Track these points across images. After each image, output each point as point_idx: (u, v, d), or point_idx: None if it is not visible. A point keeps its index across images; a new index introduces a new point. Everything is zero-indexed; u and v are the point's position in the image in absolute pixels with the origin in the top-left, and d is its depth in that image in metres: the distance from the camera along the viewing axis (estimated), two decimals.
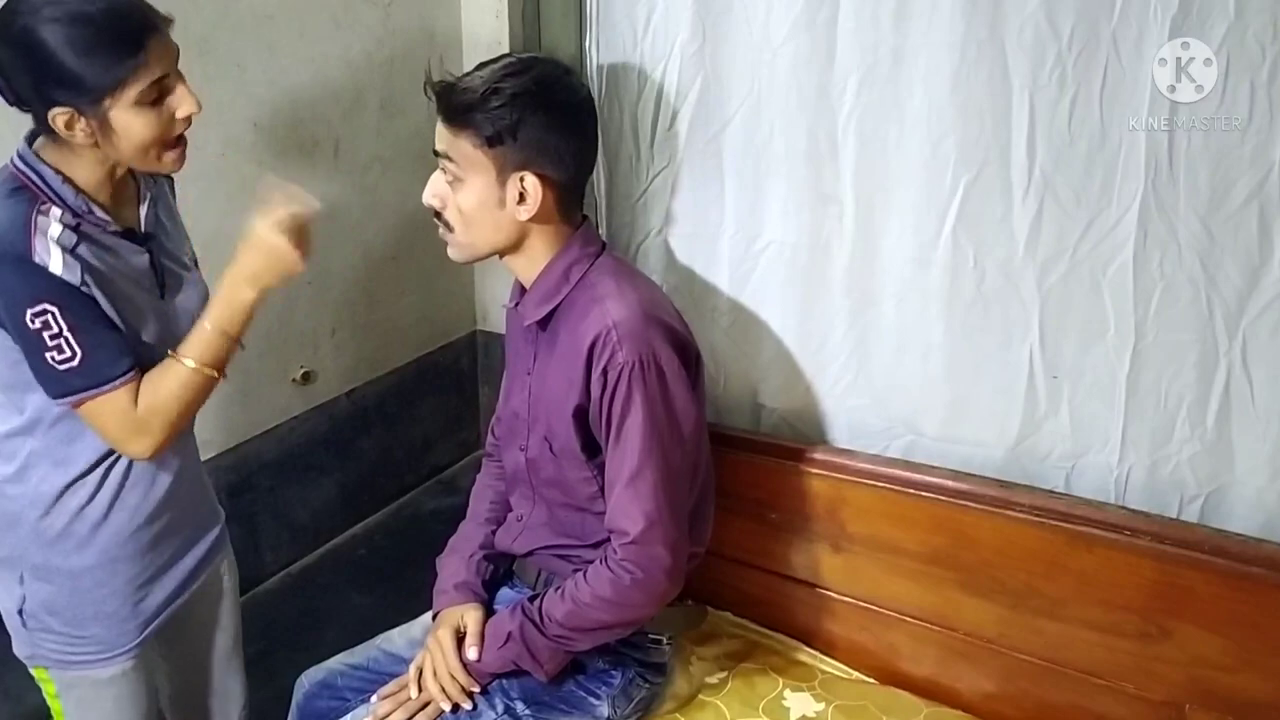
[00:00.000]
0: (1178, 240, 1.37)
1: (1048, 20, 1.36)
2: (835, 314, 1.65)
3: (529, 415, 1.43)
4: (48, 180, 1.15)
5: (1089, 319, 1.45)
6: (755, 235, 1.69)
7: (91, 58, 1.08)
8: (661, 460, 1.30)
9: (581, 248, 1.36)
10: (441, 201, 1.32)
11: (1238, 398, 1.39)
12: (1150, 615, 1.42)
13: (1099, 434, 1.50)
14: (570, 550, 1.46)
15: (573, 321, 1.34)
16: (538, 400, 1.41)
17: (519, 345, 1.47)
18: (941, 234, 1.51)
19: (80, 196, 1.17)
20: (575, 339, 1.31)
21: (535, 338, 1.41)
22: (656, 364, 1.29)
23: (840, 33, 1.52)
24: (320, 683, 1.53)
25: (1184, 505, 1.47)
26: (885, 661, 1.67)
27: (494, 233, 1.32)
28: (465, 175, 1.28)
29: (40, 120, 1.14)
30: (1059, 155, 1.41)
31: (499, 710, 1.41)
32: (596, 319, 1.30)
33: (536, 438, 1.42)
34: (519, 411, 1.46)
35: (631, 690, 1.48)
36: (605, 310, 1.30)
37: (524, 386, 1.44)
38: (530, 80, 1.26)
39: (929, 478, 1.57)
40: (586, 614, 1.34)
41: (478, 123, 1.25)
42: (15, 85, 1.12)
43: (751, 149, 1.65)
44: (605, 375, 1.28)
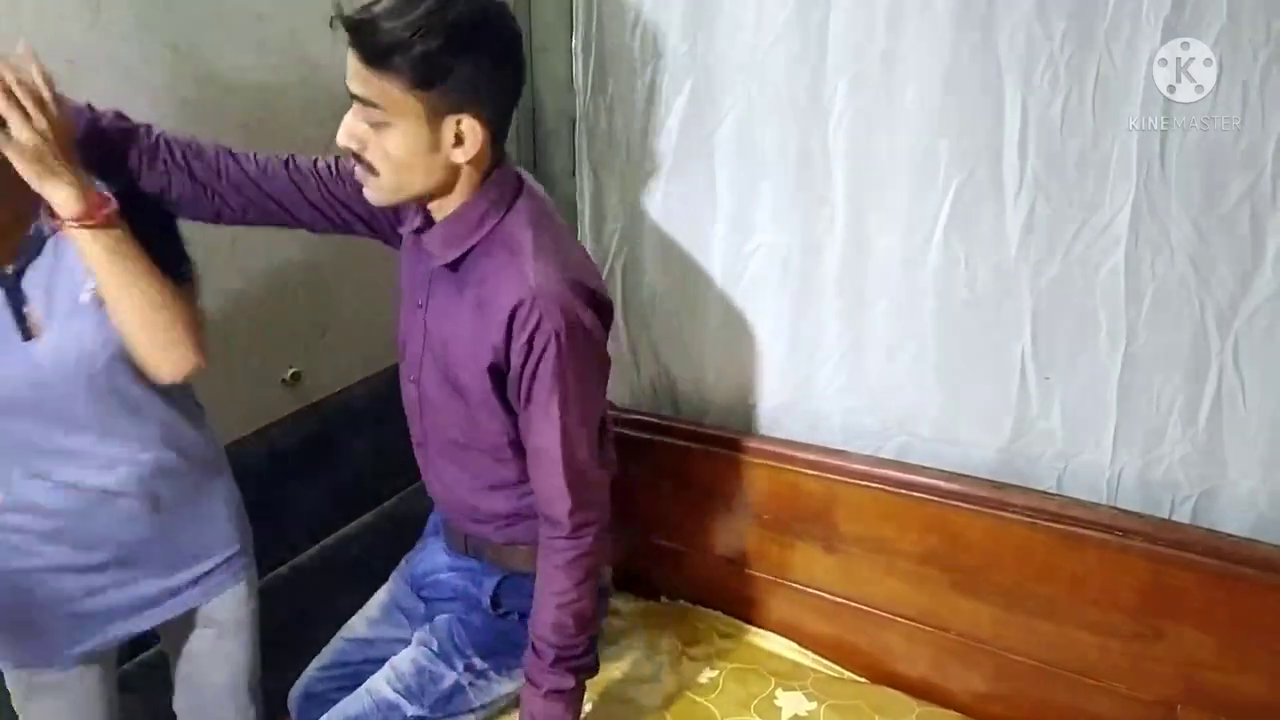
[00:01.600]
0: (1170, 242, 1.37)
1: (1040, 22, 1.36)
2: (827, 315, 1.65)
3: (421, 350, 1.38)
4: None
5: (1081, 320, 1.46)
6: (747, 237, 1.69)
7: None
8: (584, 426, 1.30)
9: (499, 189, 1.27)
10: (360, 144, 1.19)
11: (1229, 399, 1.40)
12: (1142, 615, 1.43)
13: (1091, 435, 1.50)
14: (486, 522, 1.44)
15: (487, 275, 1.27)
16: (435, 340, 1.35)
17: (414, 273, 1.37)
18: (933, 235, 1.51)
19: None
20: (493, 300, 1.25)
21: (432, 274, 1.33)
22: (583, 329, 1.26)
23: (832, 34, 1.51)
24: (303, 696, 1.53)
25: (1176, 506, 1.47)
26: (878, 661, 1.67)
27: (426, 177, 1.23)
28: (392, 119, 1.16)
29: None
30: (1051, 156, 1.41)
31: (459, 669, 1.42)
32: (516, 282, 1.24)
33: (432, 376, 1.37)
34: (408, 342, 1.40)
35: None
36: (525, 273, 1.24)
37: (417, 320, 1.37)
38: (460, 15, 1.14)
39: (922, 478, 1.57)
40: (571, 611, 1.34)
41: (405, 65, 1.13)
42: None
43: (743, 150, 1.65)
44: (530, 345, 1.24)
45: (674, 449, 1.80)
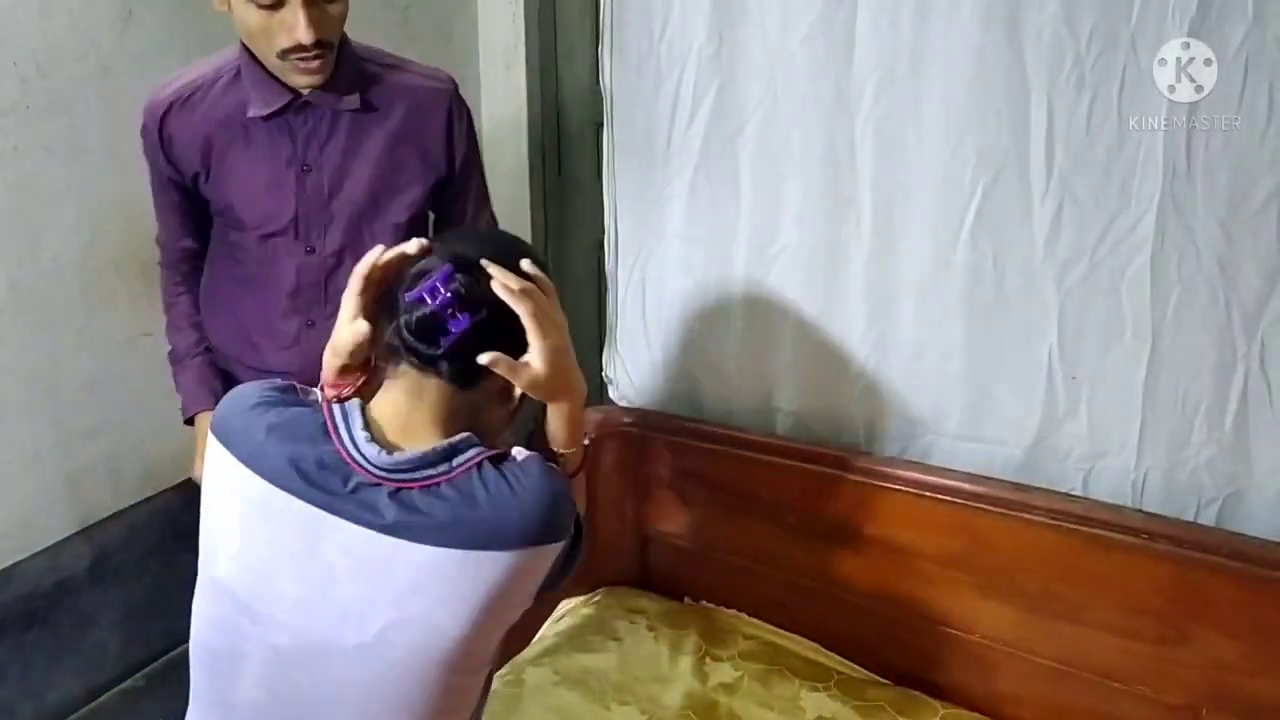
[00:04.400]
0: (1196, 243, 1.36)
1: (1066, 22, 1.36)
2: (853, 316, 1.65)
3: (321, 211, 1.48)
4: None
5: (1107, 321, 1.45)
6: (772, 238, 1.69)
7: None
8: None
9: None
10: (320, 28, 1.32)
11: (1256, 401, 1.39)
12: (1168, 619, 1.42)
13: (1117, 436, 1.49)
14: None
15: (392, 96, 1.47)
16: (340, 186, 1.47)
17: (276, 152, 1.46)
18: (960, 236, 1.51)
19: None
20: (417, 108, 1.48)
21: (309, 136, 1.44)
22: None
23: (858, 35, 1.52)
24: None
25: (1201, 508, 1.46)
26: (902, 663, 1.67)
27: (344, 23, 1.39)
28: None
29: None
30: (1077, 157, 1.41)
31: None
32: (431, 82, 1.51)
33: (342, 234, 1.49)
34: (287, 211, 1.48)
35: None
36: (427, 74, 1.52)
37: (294, 181, 1.46)
38: None
39: (946, 480, 1.57)
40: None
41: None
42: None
43: (769, 152, 1.65)
44: (469, 134, 1.53)
45: (698, 450, 1.81)
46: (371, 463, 0.97)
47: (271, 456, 0.97)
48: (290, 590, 0.97)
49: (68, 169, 1.58)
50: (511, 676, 1.64)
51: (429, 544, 0.94)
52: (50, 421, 1.62)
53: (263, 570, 0.99)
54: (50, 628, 1.67)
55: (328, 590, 0.96)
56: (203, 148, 1.46)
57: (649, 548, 1.92)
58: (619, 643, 1.74)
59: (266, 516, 0.98)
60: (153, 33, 1.65)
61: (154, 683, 1.85)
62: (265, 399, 1.02)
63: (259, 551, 0.99)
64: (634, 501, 1.89)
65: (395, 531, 0.95)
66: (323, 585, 0.96)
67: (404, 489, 0.97)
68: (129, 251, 1.68)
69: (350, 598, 0.96)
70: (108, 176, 1.63)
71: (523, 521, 0.97)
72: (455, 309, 0.96)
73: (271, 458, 0.97)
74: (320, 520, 0.96)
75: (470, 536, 0.95)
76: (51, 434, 1.63)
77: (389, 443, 0.99)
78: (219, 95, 1.45)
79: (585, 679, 1.64)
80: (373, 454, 0.97)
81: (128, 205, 1.66)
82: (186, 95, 1.46)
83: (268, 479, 0.97)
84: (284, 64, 1.35)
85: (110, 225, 1.65)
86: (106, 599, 1.73)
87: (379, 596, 0.95)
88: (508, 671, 1.66)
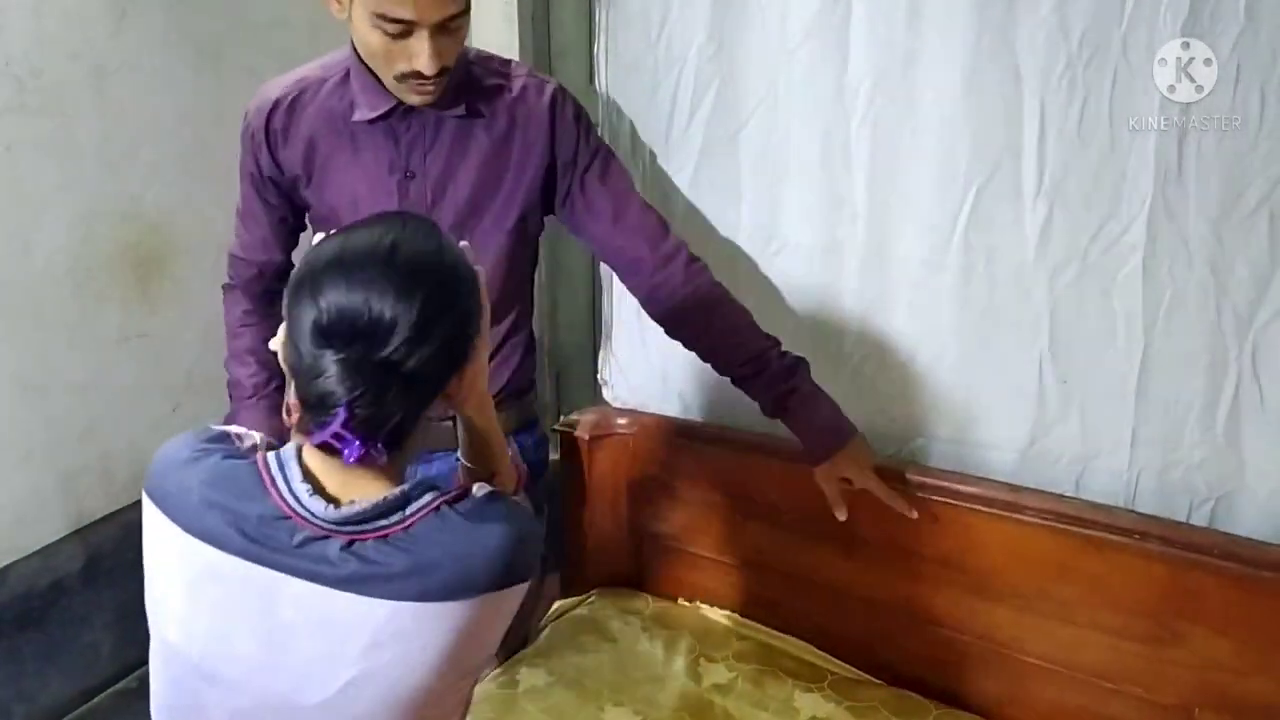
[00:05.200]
0: (1187, 246, 1.37)
1: (1058, 25, 1.37)
2: (849, 317, 1.66)
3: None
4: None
5: (1099, 324, 1.46)
6: (770, 237, 1.70)
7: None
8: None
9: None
10: (443, 58, 1.28)
11: (1247, 403, 1.40)
12: (1161, 619, 1.43)
13: (1109, 438, 1.50)
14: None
15: (496, 100, 1.42)
16: (444, 193, 1.42)
17: (378, 157, 1.42)
18: (953, 238, 1.52)
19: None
20: (520, 110, 1.43)
21: (413, 143, 1.41)
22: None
23: (854, 37, 1.52)
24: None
25: (1194, 509, 1.47)
26: (896, 663, 1.67)
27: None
28: (467, 12, 1.28)
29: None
30: (1069, 160, 1.41)
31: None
32: (534, 81, 1.45)
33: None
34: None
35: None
36: (532, 75, 1.47)
37: (396, 188, 1.42)
38: None
39: (940, 481, 1.58)
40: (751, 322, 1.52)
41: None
42: None
43: (766, 153, 1.66)
44: (579, 121, 1.47)
45: (692, 451, 1.81)
46: (319, 517, 0.91)
47: (210, 519, 0.91)
48: (247, 652, 0.92)
49: (61, 169, 1.58)
50: (506, 677, 1.64)
51: (387, 598, 0.89)
52: (42, 422, 1.62)
53: (216, 634, 0.93)
54: (43, 629, 1.66)
55: (286, 650, 0.91)
56: (306, 150, 1.43)
57: (643, 548, 1.92)
58: (613, 643, 1.74)
59: (214, 580, 0.92)
60: (147, 32, 1.64)
61: (147, 684, 1.84)
62: (196, 454, 0.96)
63: (210, 616, 0.93)
64: (628, 502, 1.90)
65: (350, 586, 0.89)
66: (280, 645, 0.91)
67: (356, 540, 0.91)
68: (122, 252, 1.67)
69: (310, 656, 0.91)
70: (101, 177, 1.62)
71: (486, 567, 0.91)
72: (363, 443, 0.87)
73: (210, 520, 0.91)
74: (271, 579, 0.90)
75: (430, 588, 0.89)
76: (44, 435, 1.62)
77: (332, 496, 0.92)
78: (325, 97, 1.42)
79: (580, 680, 1.64)
80: (319, 509, 0.91)
81: (121, 205, 1.65)
82: (295, 95, 1.43)
83: (209, 542, 0.91)
84: (400, 85, 1.31)
85: (103, 226, 1.64)
86: (100, 600, 1.72)
87: (340, 654, 0.90)
88: (502, 673, 1.67)
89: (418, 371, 0.88)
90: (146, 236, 1.67)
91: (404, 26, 1.23)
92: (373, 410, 0.86)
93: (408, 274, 0.89)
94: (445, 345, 0.91)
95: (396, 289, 0.88)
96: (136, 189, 1.63)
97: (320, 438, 0.87)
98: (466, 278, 0.96)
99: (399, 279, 0.88)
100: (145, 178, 1.67)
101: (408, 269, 0.90)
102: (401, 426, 0.89)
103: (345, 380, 0.85)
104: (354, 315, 0.87)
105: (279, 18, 1.79)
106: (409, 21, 1.22)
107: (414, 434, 0.94)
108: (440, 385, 0.94)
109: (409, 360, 0.87)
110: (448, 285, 0.92)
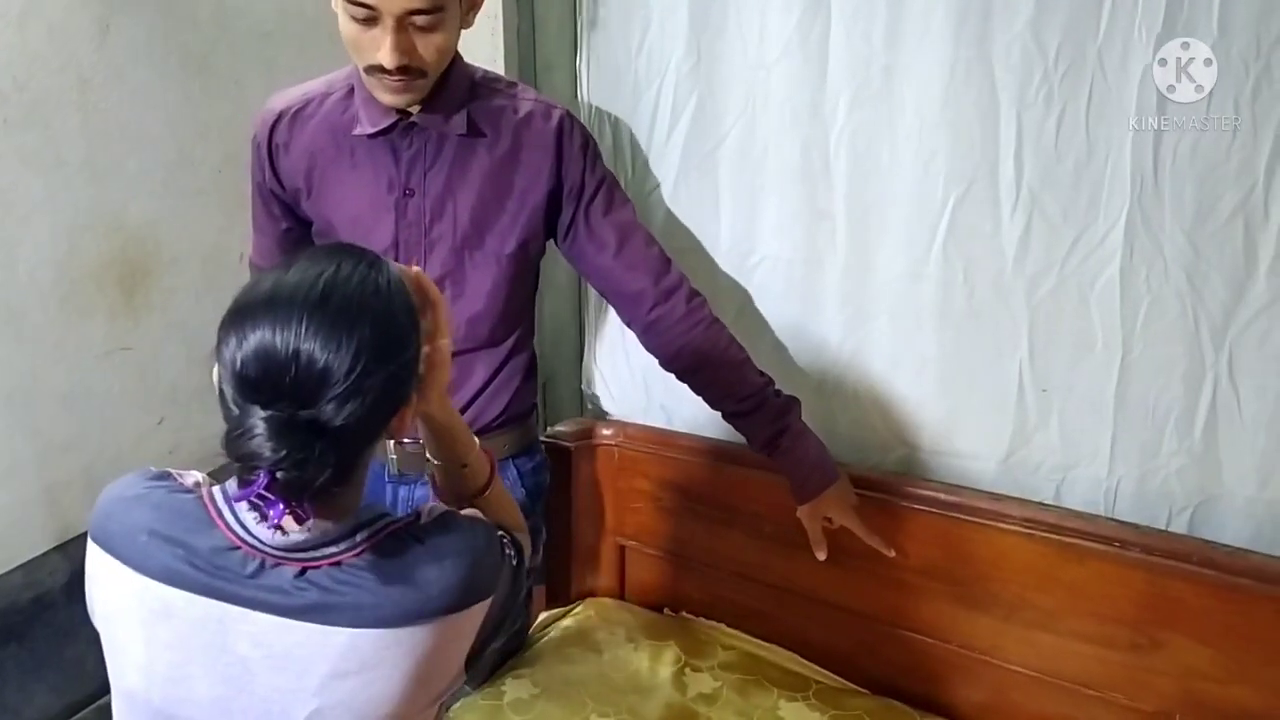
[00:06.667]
0: (1164, 255, 1.38)
1: (1034, 39, 1.38)
2: (829, 329, 1.67)
3: (421, 238, 1.41)
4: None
5: (1077, 333, 1.47)
6: (750, 250, 1.71)
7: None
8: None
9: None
10: (411, 55, 1.26)
11: (1225, 410, 1.41)
12: (1141, 626, 1.44)
13: (1088, 446, 1.51)
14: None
15: (501, 121, 1.41)
16: (445, 217, 1.40)
17: (377, 174, 1.40)
18: (932, 249, 1.53)
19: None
20: (525, 133, 1.41)
21: (412, 160, 1.39)
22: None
23: (832, 51, 1.54)
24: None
25: (1173, 517, 1.48)
26: (880, 672, 1.68)
27: (451, 54, 1.34)
28: (447, 10, 1.26)
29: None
30: (1046, 171, 1.43)
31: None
32: (541, 105, 1.43)
33: (443, 262, 1.42)
34: (386, 236, 1.41)
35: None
36: (539, 99, 1.45)
37: (395, 205, 1.40)
38: None
39: (922, 490, 1.59)
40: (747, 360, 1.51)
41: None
42: None
43: (746, 165, 1.67)
44: (586, 150, 1.45)
45: (676, 462, 1.82)
46: (266, 544, 0.89)
47: (161, 555, 0.89)
48: (206, 691, 0.90)
49: (46, 181, 1.58)
50: (491, 689, 1.64)
51: (344, 625, 0.87)
52: (27, 435, 1.61)
53: (174, 675, 0.91)
54: (27, 643, 1.65)
55: (245, 685, 0.90)
56: (308, 163, 1.43)
57: (628, 559, 1.92)
58: (599, 654, 1.74)
59: (167, 618, 0.90)
60: (131, 45, 1.65)
61: None
62: (140, 492, 0.95)
63: (167, 657, 0.91)
64: (613, 513, 1.90)
65: (307, 616, 0.87)
66: (239, 681, 0.90)
67: (309, 568, 0.89)
68: (107, 264, 1.67)
69: (270, 689, 0.89)
70: (86, 189, 1.62)
71: (442, 589, 0.90)
72: (286, 505, 0.83)
73: (161, 557, 0.89)
74: (224, 613, 0.88)
75: (386, 614, 0.88)
76: (28, 447, 1.62)
77: (280, 524, 0.88)
78: (329, 110, 1.42)
79: (565, 690, 1.64)
80: (266, 536, 0.88)
81: (106, 218, 1.65)
82: (299, 107, 1.43)
83: (161, 580, 0.89)
84: (371, 79, 1.31)
85: (88, 238, 1.64)
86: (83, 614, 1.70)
87: (299, 686, 0.89)
88: (487, 684, 1.66)
89: (348, 427, 0.83)
90: (131, 249, 1.67)
91: (369, 13, 1.23)
92: (296, 474, 0.81)
93: (340, 317, 0.83)
94: (382, 395, 0.86)
95: (327, 334, 0.82)
96: (121, 202, 1.63)
97: (242, 496, 0.83)
98: (404, 312, 0.91)
99: (330, 322, 0.83)
100: (130, 190, 1.67)
101: (340, 311, 0.84)
102: (332, 482, 0.83)
103: (270, 440, 0.80)
104: (281, 364, 0.82)
105: (265, 30, 1.80)
106: (373, 8, 1.22)
107: (352, 477, 0.91)
108: (376, 434, 0.90)
109: (339, 416, 0.82)
110: (385, 328, 0.87)
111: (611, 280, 1.49)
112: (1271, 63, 1.26)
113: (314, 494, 0.83)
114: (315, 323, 0.82)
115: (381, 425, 0.89)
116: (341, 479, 0.85)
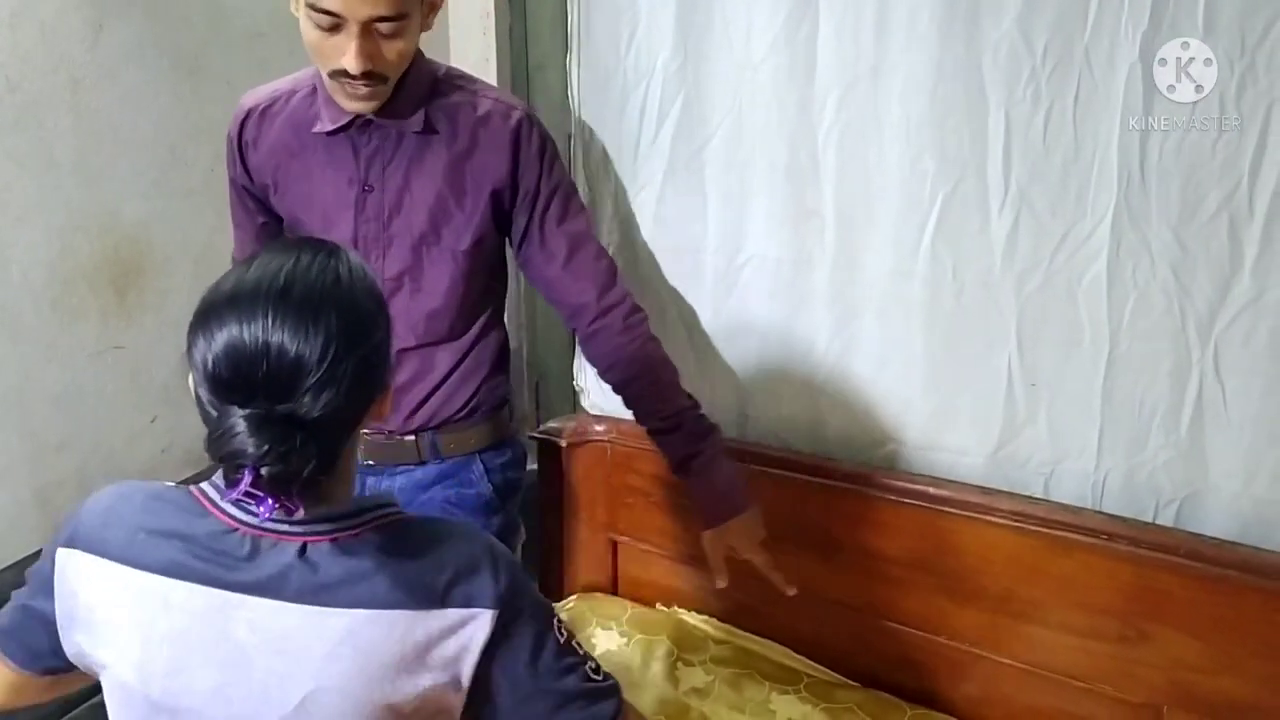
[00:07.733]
0: (1150, 251, 1.40)
1: (1022, 37, 1.39)
2: (818, 326, 1.67)
3: (381, 233, 1.43)
4: None
5: (1065, 328, 1.48)
6: (738, 249, 1.71)
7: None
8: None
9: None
10: (375, 60, 1.27)
11: (1210, 404, 1.42)
12: (1128, 618, 1.45)
13: (1076, 441, 1.52)
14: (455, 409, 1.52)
15: (459, 118, 1.41)
16: (403, 213, 1.41)
17: (337, 173, 1.42)
18: (920, 246, 1.54)
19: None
20: (483, 132, 1.41)
21: (372, 156, 1.40)
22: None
23: (820, 50, 1.55)
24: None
25: (1160, 510, 1.49)
26: (871, 666, 1.69)
27: (409, 60, 1.33)
28: (411, 16, 1.27)
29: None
30: (1034, 168, 1.44)
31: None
32: (500, 105, 1.43)
33: (402, 258, 1.43)
34: (346, 231, 1.42)
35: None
36: (500, 99, 1.44)
37: (355, 201, 1.42)
38: None
39: (911, 485, 1.60)
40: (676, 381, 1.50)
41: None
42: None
43: (734, 164, 1.68)
44: (543, 154, 1.44)
45: None
46: (267, 521, 0.89)
47: (162, 549, 0.90)
48: (204, 680, 0.90)
49: (38, 182, 1.58)
50: None
51: (340, 607, 0.88)
52: (19, 435, 1.62)
53: (171, 667, 0.91)
54: None
55: (243, 672, 0.89)
56: (275, 159, 1.45)
57: (620, 554, 1.93)
58: (591, 649, 1.75)
59: (165, 611, 0.90)
60: (124, 45, 1.65)
61: None
62: (125, 492, 0.95)
63: (163, 650, 0.91)
64: (605, 508, 1.91)
65: (304, 598, 0.88)
66: (236, 667, 0.89)
67: (310, 543, 0.90)
68: (99, 265, 1.68)
69: (267, 673, 0.89)
70: (78, 190, 1.63)
71: (440, 574, 0.91)
72: (275, 499, 0.84)
73: (162, 550, 0.90)
74: (223, 601, 0.89)
75: (383, 596, 0.89)
76: (21, 448, 1.62)
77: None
78: (294, 108, 1.43)
79: None
80: (262, 512, 0.86)
81: (98, 218, 1.66)
82: (266, 105, 1.45)
83: (161, 574, 0.90)
84: (334, 85, 1.32)
85: (80, 238, 1.65)
86: None
87: (296, 669, 0.89)
88: None
89: (326, 416, 0.83)
90: (124, 249, 1.67)
91: (334, 19, 1.23)
92: (281, 468, 0.81)
93: (305, 306, 0.84)
94: (356, 381, 0.86)
95: (294, 324, 0.83)
96: (114, 201, 1.64)
97: (231, 496, 0.84)
98: (368, 297, 0.91)
99: (295, 312, 0.83)
100: (122, 190, 1.67)
101: (304, 301, 0.85)
102: (317, 472, 0.84)
103: (252, 437, 0.80)
104: (252, 359, 0.82)
105: (256, 30, 1.80)
106: (337, 15, 1.23)
107: (341, 462, 0.91)
108: (355, 422, 0.90)
109: (316, 407, 0.83)
110: (351, 314, 0.87)
111: (557, 290, 1.49)
112: (1257, 60, 1.27)
113: (301, 486, 0.84)
114: (281, 314, 0.83)
115: (359, 412, 0.90)
116: (325, 469, 0.86)
